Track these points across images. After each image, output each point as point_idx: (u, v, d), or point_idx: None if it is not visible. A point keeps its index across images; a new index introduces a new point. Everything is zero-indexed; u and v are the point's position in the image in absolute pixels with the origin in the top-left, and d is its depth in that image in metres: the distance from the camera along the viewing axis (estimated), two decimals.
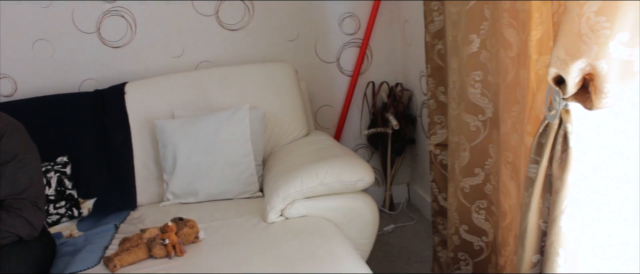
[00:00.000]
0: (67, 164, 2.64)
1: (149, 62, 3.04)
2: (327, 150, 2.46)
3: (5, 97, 3.00)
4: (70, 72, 3.02)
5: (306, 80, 3.08)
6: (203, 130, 2.50)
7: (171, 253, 1.94)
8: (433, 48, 2.31)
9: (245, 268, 1.82)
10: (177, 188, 2.53)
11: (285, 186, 2.16)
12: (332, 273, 1.75)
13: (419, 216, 3.29)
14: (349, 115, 3.29)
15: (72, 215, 2.60)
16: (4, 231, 1.88)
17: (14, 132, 2.01)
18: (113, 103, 2.75)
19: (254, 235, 2.07)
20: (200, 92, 2.74)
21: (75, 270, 1.97)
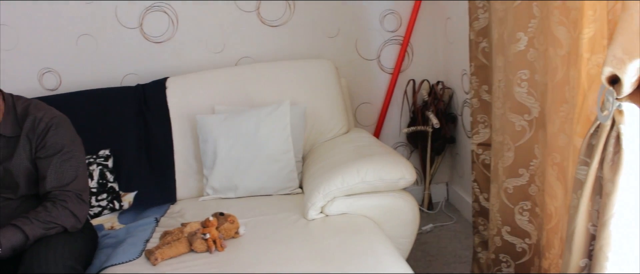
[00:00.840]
0: (109, 157, 2.68)
1: (190, 57, 3.06)
2: (368, 148, 2.45)
3: (49, 91, 3.06)
4: (112, 67, 3.07)
5: (346, 77, 3.06)
6: (244, 126, 2.51)
7: (212, 247, 1.95)
8: (477, 46, 2.27)
9: (286, 265, 1.81)
10: (217, 183, 2.54)
11: (326, 184, 2.15)
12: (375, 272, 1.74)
13: (458, 216, 3.25)
14: (389, 113, 3.27)
15: (114, 207, 2.64)
16: (49, 222, 1.92)
17: (61, 125, 2.04)
18: (154, 98, 2.77)
19: (294, 232, 2.07)
20: (241, 88, 2.75)
21: (117, 262, 2.00)
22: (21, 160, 2.00)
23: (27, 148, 2.01)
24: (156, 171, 2.70)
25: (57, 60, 3.06)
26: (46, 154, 2.00)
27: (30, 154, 2.01)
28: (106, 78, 3.04)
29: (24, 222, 1.88)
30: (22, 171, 2.01)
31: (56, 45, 3.02)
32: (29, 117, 2.02)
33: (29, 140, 2.01)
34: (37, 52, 3.02)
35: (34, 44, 3.01)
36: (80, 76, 3.06)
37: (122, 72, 3.06)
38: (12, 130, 2.02)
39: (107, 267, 1.98)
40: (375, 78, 3.23)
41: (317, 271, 1.76)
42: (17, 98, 2.09)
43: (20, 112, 2.04)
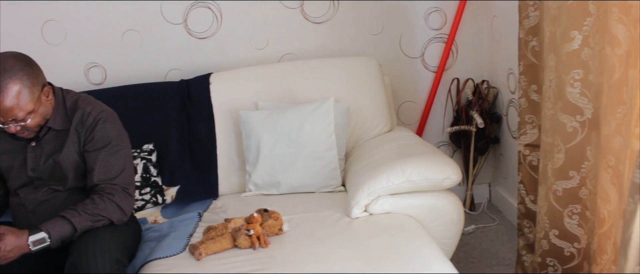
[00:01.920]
0: (152, 152, 2.71)
1: (234, 53, 3.07)
2: (412, 147, 2.42)
3: (95, 85, 3.10)
4: (157, 62, 3.09)
5: (389, 75, 3.03)
6: (287, 122, 2.51)
7: (255, 244, 1.95)
8: (527, 45, 2.22)
9: (330, 264, 1.80)
10: (260, 179, 2.54)
11: (371, 182, 2.13)
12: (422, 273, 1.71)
13: (501, 217, 3.19)
14: (432, 112, 3.23)
15: (157, 201, 2.67)
16: (97, 214, 1.94)
17: (108, 118, 2.07)
18: (198, 93, 2.79)
19: (337, 230, 2.06)
20: (284, 84, 2.75)
21: (161, 256, 2.02)
22: (70, 152, 2.03)
23: (75, 141, 2.04)
24: (199, 167, 2.72)
25: (103, 55, 3.10)
26: (94, 147, 2.02)
27: (79, 147, 2.04)
28: (150, 73, 3.07)
29: (72, 214, 1.90)
30: (70, 164, 2.04)
31: (102, 40, 3.06)
32: (78, 111, 2.05)
33: (77, 134, 2.04)
34: (83, 47, 3.07)
35: (80, 39, 3.05)
36: (125, 71, 3.09)
37: (166, 67, 3.09)
38: (61, 123, 2.05)
39: (152, 260, 2.00)
40: (418, 77, 3.19)
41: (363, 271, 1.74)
42: (67, 92, 2.12)
43: (69, 106, 2.07)
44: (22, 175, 2.08)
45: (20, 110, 1.88)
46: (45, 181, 2.07)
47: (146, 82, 2.92)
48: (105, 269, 1.82)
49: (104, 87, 3.02)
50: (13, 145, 2.09)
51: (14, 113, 1.88)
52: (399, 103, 3.20)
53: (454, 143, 3.27)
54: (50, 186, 2.07)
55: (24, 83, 1.87)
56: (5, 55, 1.91)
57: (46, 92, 1.99)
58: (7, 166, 2.10)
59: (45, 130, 2.04)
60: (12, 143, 2.09)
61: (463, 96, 3.16)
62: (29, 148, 2.06)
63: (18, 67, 1.87)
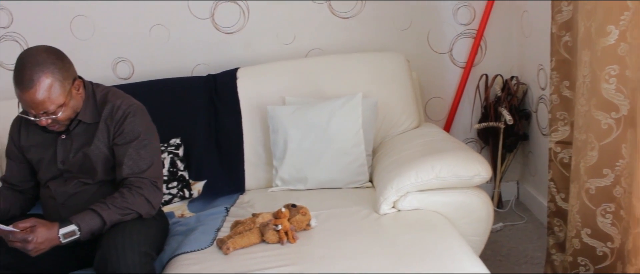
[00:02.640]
0: (179, 146, 2.72)
1: (260, 48, 3.07)
2: (441, 143, 2.39)
3: (122, 80, 3.12)
4: (184, 57, 3.11)
5: (417, 70, 3.00)
6: (315, 118, 2.50)
7: (283, 239, 1.94)
8: (559, 40, 2.18)
9: (359, 260, 1.79)
10: (287, 174, 2.54)
11: (400, 178, 2.11)
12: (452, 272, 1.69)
13: (529, 215, 3.15)
14: (460, 108, 3.19)
15: (184, 195, 2.68)
16: (126, 208, 1.95)
17: (138, 113, 2.08)
18: (225, 88, 2.79)
19: (366, 226, 2.05)
20: (311, 79, 2.74)
21: (189, 250, 2.02)
22: (99, 146, 2.05)
23: (105, 135, 2.05)
24: (225, 161, 2.72)
25: (131, 50, 3.12)
26: (123, 141, 2.03)
27: (108, 141, 2.06)
28: (177, 68, 3.08)
29: (102, 207, 1.91)
30: (100, 157, 2.05)
31: (130, 35, 3.08)
32: (107, 104, 2.06)
33: (107, 127, 2.05)
34: (111, 42, 3.09)
35: (108, 34, 3.07)
36: (152, 65, 3.11)
37: (193, 62, 3.10)
38: (91, 116, 2.06)
39: (180, 254, 2.00)
40: (446, 72, 3.16)
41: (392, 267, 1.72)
42: (97, 86, 2.13)
43: (99, 99, 2.08)
44: (52, 168, 2.10)
45: (51, 103, 1.90)
46: (74, 174, 2.09)
47: (173, 76, 2.94)
48: (134, 263, 1.83)
49: (131, 81, 3.03)
50: (44, 138, 2.11)
51: (45, 106, 1.89)
52: (427, 99, 3.18)
53: (481, 140, 3.24)
54: (79, 179, 2.08)
55: (55, 76, 1.89)
56: (38, 49, 1.93)
57: (77, 85, 2.00)
58: (37, 158, 2.12)
59: (75, 123, 2.05)
60: (43, 136, 2.11)
61: (491, 92, 3.12)
62: (59, 141, 2.08)
63: (50, 61, 1.89)
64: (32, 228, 1.82)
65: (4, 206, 2.11)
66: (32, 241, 1.79)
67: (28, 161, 2.16)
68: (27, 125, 2.13)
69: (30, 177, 2.20)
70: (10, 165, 2.20)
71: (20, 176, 2.19)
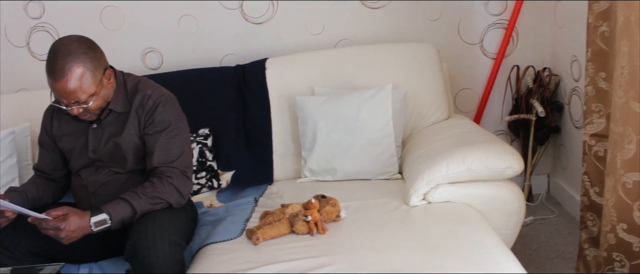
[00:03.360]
0: (208, 136, 2.72)
1: (289, 38, 3.06)
2: (472, 135, 2.36)
3: (152, 70, 3.14)
4: (212, 47, 3.11)
5: (447, 61, 2.96)
6: (344, 108, 2.48)
7: (313, 230, 1.92)
8: (596, 30, 2.13)
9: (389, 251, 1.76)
10: (315, 165, 2.53)
11: (430, 170, 2.08)
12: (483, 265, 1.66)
13: (560, 209, 3.09)
14: (490, 100, 3.15)
15: (212, 185, 2.68)
16: (156, 197, 1.95)
17: (168, 102, 2.08)
18: (254, 79, 2.79)
19: (396, 218, 2.02)
20: (340, 70, 2.72)
21: (218, 239, 2.02)
22: (130, 135, 2.06)
23: (136, 124, 2.06)
24: (254, 152, 2.72)
25: (160, 40, 3.13)
26: (154, 130, 2.04)
27: (139, 130, 2.06)
28: (206, 58, 3.09)
29: (132, 197, 1.92)
30: (130, 146, 2.06)
31: (159, 25, 3.09)
32: (138, 94, 2.07)
33: (138, 116, 2.06)
34: (140, 32, 3.11)
35: (138, 24, 3.09)
36: (181, 56, 3.12)
37: (221, 52, 3.10)
38: (122, 106, 2.07)
39: (209, 244, 2.01)
40: (477, 64, 3.12)
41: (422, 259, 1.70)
42: (128, 75, 2.14)
43: (130, 89, 2.09)
44: (84, 157, 2.12)
45: (83, 93, 1.91)
46: (105, 163, 2.10)
47: (202, 67, 2.94)
48: (164, 252, 1.84)
49: (160, 71, 3.05)
50: (75, 127, 2.13)
51: (77, 95, 1.90)
52: (456, 90, 3.14)
53: (512, 132, 3.19)
54: (110, 168, 2.10)
55: (87, 66, 1.90)
56: (69, 38, 1.94)
57: (108, 75, 2.01)
58: (69, 147, 2.14)
59: (106, 112, 2.06)
60: (74, 125, 2.12)
61: (523, 84, 3.07)
62: (91, 130, 2.10)
63: (81, 51, 1.90)
64: (64, 216, 1.83)
65: (36, 195, 2.14)
66: (65, 229, 1.81)
67: (60, 150, 2.18)
68: (59, 114, 2.15)
69: (62, 166, 2.22)
70: (43, 154, 2.23)
71: (52, 165, 2.22)
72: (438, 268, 1.64)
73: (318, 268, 1.70)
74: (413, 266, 1.66)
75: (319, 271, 1.68)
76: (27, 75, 3.23)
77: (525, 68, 3.07)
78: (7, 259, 2.03)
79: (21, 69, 3.24)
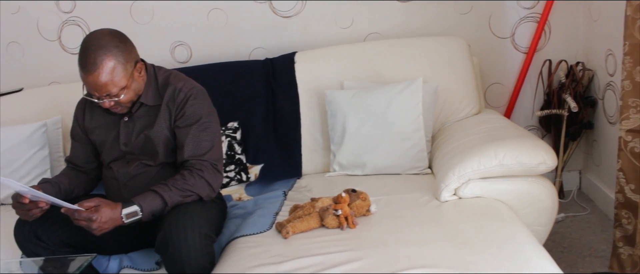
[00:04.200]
0: (237, 129, 2.72)
1: (318, 32, 3.05)
2: (503, 130, 2.33)
3: (181, 63, 3.16)
4: (241, 40, 3.12)
5: (477, 55, 2.92)
6: (374, 102, 2.46)
7: (343, 224, 1.91)
8: (634, 23, 2.08)
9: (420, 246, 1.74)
10: (345, 159, 2.51)
11: (462, 165, 2.05)
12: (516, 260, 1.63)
13: (592, 206, 3.04)
14: (521, 94, 3.10)
15: (241, 179, 2.69)
16: (186, 190, 1.96)
17: (199, 95, 2.08)
18: (283, 72, 2.78)
19: (426, 213, 2.00)
20: (370, 64, 2.70)
21: (248, 233, 2.02)
22: (161, 128, 2.06)
23: (166, 117, 2.07)
24: (282, 145, 2.72)
25: (189, 34, 3.15)
26: (185, 123, 2.04)
27: (170, 123, 2.07)
28: (235, 52, 3.10)
29: (163, 189, 1.93)
30: (161, 139, 2.07)
31: (188, 19, 3.10)
32: (169, 87, 2.08)
33: (168, 109, 2.07)
34: (170, 26, 3.12)
35: (167, 18, 3.11)
36: (210, 49, 3.13)
37: (250, 46, 3.11)
38: (153, 99, 2.08)
39: (238, 237, 2.01)
40: (508, 58, 3.07)
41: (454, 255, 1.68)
42: (158, 68, 2.15)
43: (161, 82, 2.10)
44: (115, 150, 2.13)
45: (114, 86, 1.92)
46: (136, 155, 2.11)
47: (231, 60, 2.94)
48: (195, 244, 1.84)
49: (189, 65, 3.06)
50: (106, 120, 2.14)
51: (108, 88, 1.92)
52: (487, 85, 3.10)
53: (543, 128, 3.14)
54: (141, 160, 2.11)
55: (118, 59, 1.91)
56: (101, 32, 1.95)
57: (139, 68, 2.02)
58: (101, 140, 2.15)
59: (137, 105, 2.08)
60: (106, 118, 2.14)
61: (555, 78, 3.02)
62: (122, 123, 2.11)
63: (113, 44, 1.91)
64: (96, 207, 1.85)
65: (68, 186, 2.16)
66: (97, 220, 1.82)
67: (92, 143, 2.20)
68: (91, 107, 2.17)
69: (94, 158, 2.24)
70: (75, 146, 2.25)
71: (84, 157, 2.24)
72: (471, 264, 1.61)
73: (348, 262, 1.68)
74: (445, 262, 1.63)
75: (349, 265, 1.67)
76: (59, 68, 3.28)
77: (557, 62, 3.01)
78: (40, 249, 2.05)
79: (53, 63, 3.29)
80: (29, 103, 3.06)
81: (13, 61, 3.35)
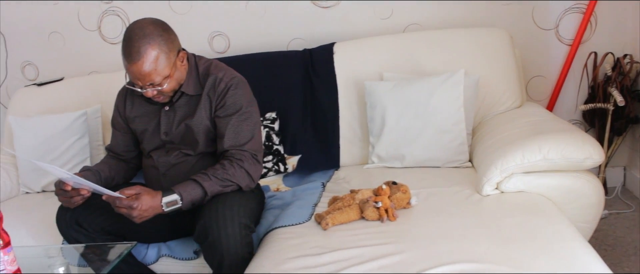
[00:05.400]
0: (275, 120, 2.72)
1: (357, 23, 3.02)
2: (547, 124, 2.26)
3: (218, 54, 3.16)
4: (279, 31, 3.10)
5: (519, 47, 2.86)
6: (414, 94, 2.43)
7: (384, 216, 1.89)
8: None
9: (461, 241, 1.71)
10: (383, 151, 2.49)
11: (504, 159, 2.01)
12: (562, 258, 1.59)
13: (637, 204, 2.96)
14: (564, 88, 3.02)
15: (279, 169, 2.68)
16: (226, 180, 1.96)
17: (240, 85, 2.08)
18: (321, 63, 2.76)
19: (467, 207, 1.96)
20: (410, 55, 2.66)
21: (287, 224, 2.01)
22: (201, 118, 2.06)
23: (207, 107, 2.06)
24: (320, 136, 2.70)
25: (227, 24, 3.15)
26: (225, 113, 2.04)
27: (210, 112, 2.07)
28: (273, 42, 3.09)
29: (203, 178, 1.93)
30: (202, 129, 2.07)
31: (226, 9, 3.10)
32: (210, 77, 2.07)
33: (209, 99, 2.06)
34: (208, 16, 3.13)
35: (205, 8, 3.11)
36: (248, 39, 3.13)
37: (288, 36, 3.09)
38: (194, 88, 2.08)
39: (277, 228, 2.00)
40: (551, 50, 2.99)
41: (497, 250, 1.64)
42: (199, 58, 2.15)
43: (202, 72, 2.10)
44: (155, 139, 2.14)
45: (157, 75, 1.92)
46: (176, 145, 2.12)
47: (269, 50, 2.93)
48: (234, 234, 1.84)
49: (227, 55, 3.06)
50: (147, 109, 2.15)
51: (151, 78, 1.92)
52: (528, 77, 3.03)
53: (587, 122, 3.06)
54: (181, 150, 2.11)
55: (161, 48, 1.91)
56: (144, 21, 1.95)
57: (181, 57, 2.02)
58: (141, 129, 2.16)
59: (178, 94, 2.08)
60: (147, 107, 2.15)
61: (601, 71, 2.93)
62: (163, 112, 2.11)
63: (157, 33, 1.91)
64: (137, 195, 1.85)
65: (108, 174, 2.18)
66: (137, 208, 1.83)
67: (132, 132, 2.22)
68: (132, 96, 2.18)
69: (134, 147, 2.26)
70: (115, 135, 2.26)
71: (124, 146, 2.25)
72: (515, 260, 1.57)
73: (389, 255, 1.65)
74: (489, 257, 1.59)
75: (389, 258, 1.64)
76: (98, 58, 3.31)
77: (603, 55, 2.93)
78: (81, 236, 2.08)
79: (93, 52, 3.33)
80: (70, 92, 3.11)
81: (54, 51, 3.40)
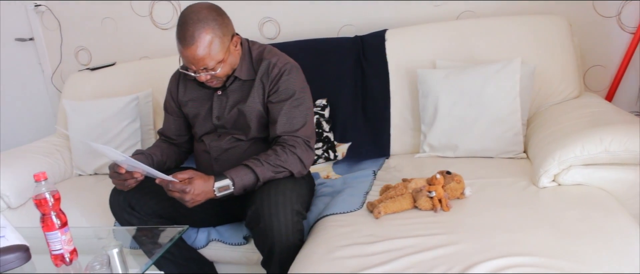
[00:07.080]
0: (325, 107, 2.70)
1: (409, 9, 2.96)
2: (608, 115, 2.18)
3: (269, 40, 3.16)
4: (330, 17, 3.07)
5: (578, 35, 2.76)
6: (468, 83, 2.37)
7: (437, 206, 1.85)
8: None
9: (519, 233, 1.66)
10: (435, 140, 2.44)
11: (563, 150, 1.94)
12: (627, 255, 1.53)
13: None
14: (625, 78, 2.91)
15: (328, 157, 2.67)
16: (279, 166, 1.95)
17: (293, 71, 2.07)
18: (373, 50, 2.73)
19: (524, 199, 1.91)
20: (463, 43, 2.60)
21: (338, 211, 1.99)
22: (254, 103, 2.06)
23: (260, 92, 2.06)
24: (371, 124, 2.68)
25: (277, 10, 3.13)
26: (278, 99, 2.03)
27: (263, 98, 2.06)
28: (323, 29, 3.06)
29: (256, 164, 1.93)
30: (254, 114, 2.07)
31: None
32: (263, 62, 2.07)
33: (262, 84, 2.06)
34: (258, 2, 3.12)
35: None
36: (298, 26, 3.11)
37: (339, 23, 3.06)
38: (247, 73, 2.08)
39: (328, 215, 1.98)
40: (612, 38, 2.88)
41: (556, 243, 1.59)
42: (252, 43, 2.14)
43: (255, 57, 2.09)
44: (207, 123, 2.15)
45: (211, 60, 1.92)
46: (229, 129, 2.12)
47: (319, 37, 2.91)
48: (286, 220, 1.84)
49: (277, 41, 3.05)
50: (200, 94, 2.16)
51: (205, 62, 1.92)
52: (587, 67, 2.92)
53: None
54: (233, 135, 2.12)
55: (216, 33, 1.91)
56: (199, 5, 1.95)
57: (235, 42, 2.02)
58: (194, 113, 2.17)
59: (231, 79, 2.08)
60: (200, 92, 2.16)
61: None
62: (215, 97, 2.12)
63: (211, 18, 1.91)
64: (190, 179, 1.86)
65: (160, 158, 2.20)
66: (190, 192, 1.84)
67: (184, 116, 2.23)
68: (185, 80, 2.19)
69: (186, 131, 2.27)
70: (168, 119, 2.28)
71: (176, 130, 2.27)
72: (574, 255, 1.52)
73: (442, 246, 1.63)
74: (546, 251, 1.55)
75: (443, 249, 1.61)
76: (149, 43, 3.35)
77: None
78: (134, 218, 2.11)
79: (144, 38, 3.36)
80: (122, 77, 3.16)
81: (107, 36, 3.46)
